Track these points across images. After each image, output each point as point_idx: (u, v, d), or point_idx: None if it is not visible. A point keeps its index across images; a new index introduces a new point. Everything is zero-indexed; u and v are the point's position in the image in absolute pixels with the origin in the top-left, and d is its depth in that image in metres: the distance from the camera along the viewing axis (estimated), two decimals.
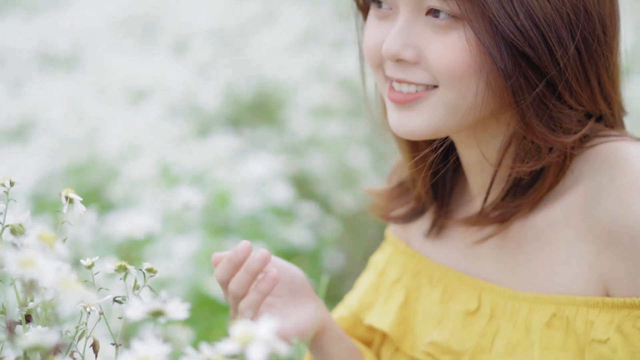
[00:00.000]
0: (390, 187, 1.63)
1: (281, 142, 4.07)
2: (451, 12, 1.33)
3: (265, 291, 1.43)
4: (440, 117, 1.37)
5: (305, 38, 4.86)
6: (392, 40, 1.36)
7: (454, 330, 1.48)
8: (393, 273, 1.62)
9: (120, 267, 1.19)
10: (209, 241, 3.06)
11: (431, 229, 1.58)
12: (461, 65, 1.33)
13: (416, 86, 1.37)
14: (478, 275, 1.49)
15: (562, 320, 1.37)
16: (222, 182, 3.29)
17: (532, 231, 1.43)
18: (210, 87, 4.17)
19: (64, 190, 1.19)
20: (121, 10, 5.42)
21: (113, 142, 3.46)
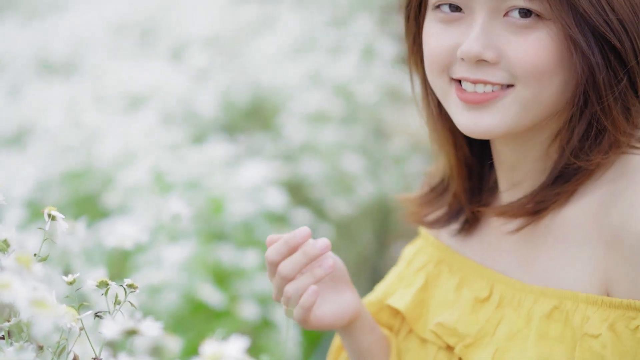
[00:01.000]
0: (423, 194, 1.70)
1: (276, 148, 4.10)
2: (540, 11, 1.39)
3: (320, 277, 1.50)
4: (514, 116, 1.43)
5: (301, 45, 4.89)
6: (472, 42, 1.41)
7: (462, 315, 1.55)
8: (419, 261, 1.70)
9: (102, 282, 1.23)
10: (202, 247, 3.09)
11: (462, 227, 1.65)
12: (544, 62, 1.39)
13: (492, 86, 1.43)
14: (494, 267, 1.56)
15: (562, 314, 1.43)
16: (216, 189, 3.32)
17: (549, 228, 1.49)
18: (206, 94, 4.20)
19: (47, 207, 1.22)
20: (119, 16, 5.45)
21: (109, 149, 3.49)
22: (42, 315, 0.88)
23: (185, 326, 2.89)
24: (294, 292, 1.50)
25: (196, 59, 4.60)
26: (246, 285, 3.11)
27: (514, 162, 1.54)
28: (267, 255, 1.52)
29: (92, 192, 3.48)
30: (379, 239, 4.79)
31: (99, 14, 5.58)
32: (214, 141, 3.62)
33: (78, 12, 5.81)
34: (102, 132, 3.67)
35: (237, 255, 3.13)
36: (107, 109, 4.00)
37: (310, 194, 4.05)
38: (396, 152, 4.47)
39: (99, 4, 5.97)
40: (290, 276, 1.49)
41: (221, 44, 4.94)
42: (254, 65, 4.60)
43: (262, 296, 3.11)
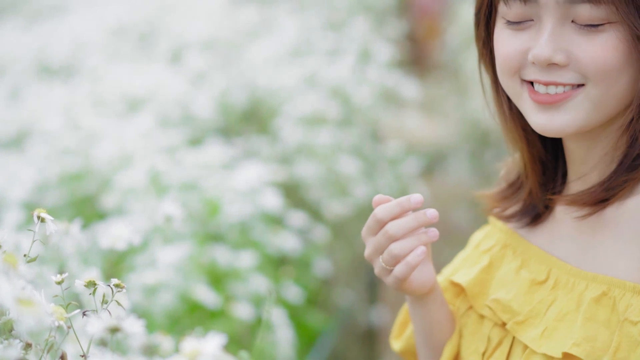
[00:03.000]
0: (501, 190, 1.78)
1: (272, 151, 4.13)
2: (605, 17, 1.48)
3: (424, 242, 1.58)
4: (586, 114, 1.52)
5: (298, 48, 4.92)
6: (543, 47, 1.51)
7: (518, 293, 1.64)
8: (485, 245, 1.78)
9: (90, 282, 1.27)
10: (199, 249, 3.13)
11: (532, 220, 1.73)
12: (613, 62, 1.49)
13: (564, 87, 1.52)
14: (554, 253, 1.65)
15: (609, 300, 1.52)
16: (213, 190, 3.35)
17: (611, 218, 1.57)
18: (203, 97, 4.23)
19: (37, 210, 1.26)
20: (118, 20, 5.48)
21: (107, 151, 3.52)
22: (27, 313, 0.92)
23: (180, 326, 2.92)
24: (400, 250, 1.57)
25: (194, 62, 4.63)
26: (241, 286, 3.14)
27: (583, 156, 1.62)
28: (377, 213, 1.58)
29: (90, 193, 3.51)
30: None
31: (98, 18, 5.62)
32: (211, 143, 3.66)
33: (77, 15, 5.85)
34: (100, 135, 3.70)
35: (232, 256, 3.17)
36: (105, 112, 4.04)
37: (306, 196, 4.08)
38: (391, 155, 4.50)
39: (98, 7, 6.01)
40: (398, 235, 1.56)
41: (219, 47, 4.97)
42: (251, 68, 4.64)
43: (257, 297, 3.15)
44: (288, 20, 5.31)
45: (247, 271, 3.17)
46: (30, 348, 1.08)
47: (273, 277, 3.39)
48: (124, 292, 1.32)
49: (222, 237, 3.34)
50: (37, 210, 1.25)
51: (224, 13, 5.50)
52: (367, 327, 4.67)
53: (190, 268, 3.02)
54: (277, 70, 4.59)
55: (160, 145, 3.63)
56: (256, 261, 3.21)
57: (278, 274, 3.52)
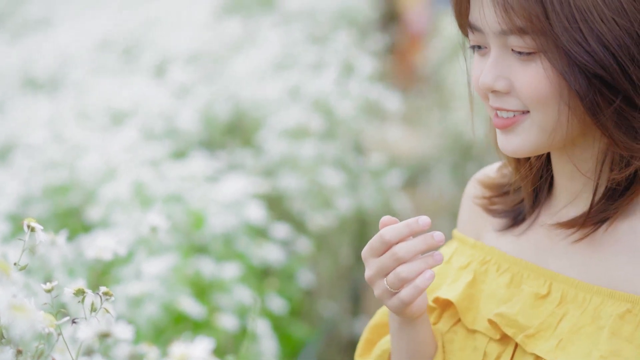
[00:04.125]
0: (501, 183, 1.79)
1: (256, 163, 4.16)
2: (528, 48, 1.50)
3: (431, 265, 1.56)
4: (535, 138, 1.55)
5: (281, 61, 4.95)
6: (485, 74, 1.55)
7: (523, 308, 1.63)
8: (460, 261, 1.77)
9: (79, 290, 1.29)
10: (183, 260, 3.15)
11: (514, 224, 1.74)
12: (543, 92, 1.51)
13: (512, 112, 1.55)
14: (549, 267, 1.65)
15: (635, 317, 1.53)
16: (197, 202, 3.38)
17: (614, 236, 1.59)
18: (187, 110, 4.26)
19: (26, 219, 1.28)
20: (102, 33, 5.51)
21: (92, 164, 3.54)
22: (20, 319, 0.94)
23: (165, 337, 2.94)
24: (408, 273, 1.55)
25: (178, 75, 4.66)
26: (226, 297, 3.17)
27: (570, 173, 1.63)
28: (384, 234, 1.55)
29: (75, 206, 3.53)
30: (358, 252, 4.84)
31: (83, 31, 5.64)
32: (195, 156, 3.68)
33: (62, 29, 5.87)
34: (85, 147, 3.73)
35: (217, 267, 3.19)
36: (90, 125, 4.06)
37: (290, 208, 4.11)
38: (374, 167, 4.54)
39: (83, 21, 6.03)
40: (407, 258, 1.54)
41: (203, 61, 5.01)
42: (234, 81, 4.67)
43: (241, 308, 3.17)
44: (271, 34, 5.34)
45: (231, 282, 3.20)
46: (21, 355, 1.10)
47: (257, 289, 3.41)
48: (111, 302, 1.35)
49: (206, 249, 3.37)
50: (27, 220, 1.28)
51: (208, 26, 5.53)
52: (350, 338, 4.69)
53: (174, 279, 3.04)
54: (260, 83, 4.62)
55: (144, 157, 3.65)
56: (240, 272, 3.23)
57: (262, 285, 3.54)
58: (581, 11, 1.47)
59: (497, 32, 1.53)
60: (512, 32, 1.50)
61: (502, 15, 1.50)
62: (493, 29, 1.53)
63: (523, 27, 1.49)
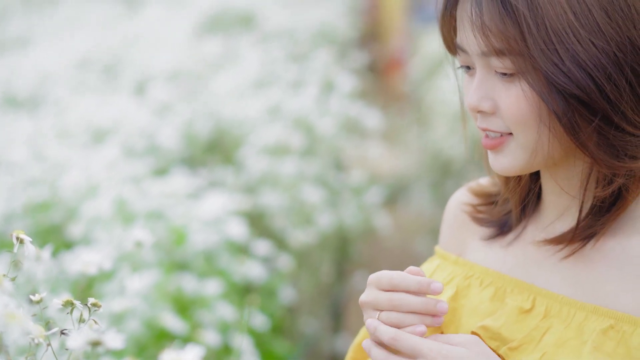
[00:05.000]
0: (491, 192, 1.80)
1: (237, 180, 4.17)
2: (508, 69, 1.52)
3: (427, 325, 1.56)
4: (522, 158, 1.57)
5: (262, 79, 4.97)
6: (471, 95, 1.57)
7: (507, 321, 1.64)
8: (442, 276, 1.77)
9: (67, 302, 1.30)
10: (165, 277, 3.15)
11: (498, 235, 1.75)
12: (523, 113, 1.53)
13: (499, 133, 1.57)
14: (533, 282, 1.66)
15: (618, 333, 1.54)
16: (178, 220, 3.38)
17: (600, 251, 1.60)
18: (168, 127, 4.27)
19: (15, 231, 1.29)
20: (83, 52, 5.52)
21: (73, 181, 3.55)
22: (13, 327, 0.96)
23: (148, 353, 2.94)
24: (398, 322, 1.55)
25: (158, 93, 4.67)
26: (208, 313, 3.17)
27: (558, 190, 1.64)
28: (395, 277, 1.56)
29: (56, 223, 3.53)
30: (339, 268, 4.87)
31: (63, 50, 5.65)
32: (176, 174, 3.69)
33: (42, 48, 5.87)
34: (66, 165, 3.73)
35: (199, 284, 3.20)
36: (71, 142, 4.06)
37: (271, 225, 4.12)
38: (355, 184, 4.56)
39: (63, 40, 6.04)
40: (401, 309, 1.55)
41: (183, 79, 5.02)
42: (215, 99, 4.69)
43: (223, 324, 3.18)
44: (251, 52, 5.36)
45: (213, 299, 3.20)
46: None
47: (239, 305, 3.42)
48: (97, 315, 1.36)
49: (188, 266, 3.37)
50: (16, 232, 1.29)
51: (188, 45, 5.55)
52: (332, 355, 4.70)
53: (157, 296, 3.05)
54: (241, 101, 4.64)
55: (125, 175, 3.66)
56: (222, 289, 3.24)
57: (244, 302, 3.55)
58: (557, 33, 1.49)
59: (479, 54, 1.55)
60: (492, 53, 1.53)
61: (481, 37, 1.53)
62: (474, 50, 1.56)
63: (501, 49, 1.51)
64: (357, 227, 4.47)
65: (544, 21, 1.49)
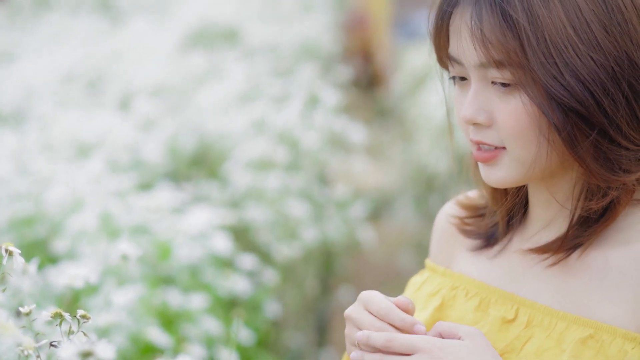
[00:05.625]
0: (478, 205, 1.81)
1: (222, 195, 4.17)
2: (507, 80, 1.53)
3: None
4: (517, 171, 1.58)
5: (246, 94, 4.99)
6: (467, 107, 1.57)
7: (490, 331, 1.66)
8: (430, 288, 1.79)
9: (56, 314, 1.31)
10: (150, 291, 3.16)
11: (486, 246, 1.77)
12: (521, 125, 1.54)
13: (492, 146, 1.58)
14: (518, 292, 1.68)
15: (597, 343, 1.55)
16: (163, 234, 3.38)
17: (585, 264, 1.61)
18: (153, 142, 4.27)
19: (4, 244, 1.30)
20: (67, 66, 5.52)
21: (58, 196, 3.54)
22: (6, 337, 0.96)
23: None
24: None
25: (143, 107, 4.67)
26: (193, 327, 3.18)
27: (545, 202, 1.66)
28: (382, 307, 1.57)
29: (41, 238, 3.53)
30: (323, 283, 4.87)
31: (47, 65, 5.65)
32: (160, 188, 3.69)
33: (26, 62, 5.87)
34: (51, 179, 3.73)
35: (184, 298, 3.20)
36: (56, 157, 4.06)
37: (256, 239, 4.12)
38: (339, 198, 4.57)
39: (47, 55, 6.04)
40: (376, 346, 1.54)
41: (168, 93, 5.03)
42: (200, 114, 4.69)
43: (209, 338, 3.18)
44: (236, 67, 5.37)
45: (198, 313, 3.20)
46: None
47: (224, 320, 3.42)
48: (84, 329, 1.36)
49: (173, 280, 3.37)
50: (5, 244, 1.29)
51: (173, 60, 5.56)
52: None
53: (142, 310, 3.05)
54: (225, 115, 4.64)
55: (110, 189, 3.66)
56: (207, 303, 3.24)
57: (229, 316, 3.55)
58: (557, 46, 1.50)
59: (477, 65, 1.56)
60: (491, 64, 1.54)
61: (481, 48, 1.54)
62: (472, 62, 1.56)
63: (501, 61, 1.52)
64: (342, 242, 4.48)
65: (544, 35, 1.51)
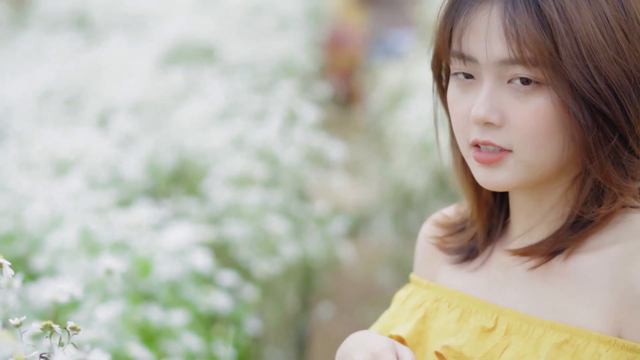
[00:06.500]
0: (455, 222, 1.83)
1: (201, 211, 4.18)
2: (535, 78, 1.54)
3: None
4: (521, 174, 1.60)
5: (225, 111, 5.00)
6: (480, 106, 1.57)
7: (469, 340, 1.68)
8: (414, 302, 1.82)
9: (46, 326, 1.31)
10: (131, 307, 3.15)
11: (466, 258, 1.79)
12: (543, 127, 1.55)
13: (498, 147, 1.59)
14: (498, 302, 1.70)
15: (572, 347, 1.57)
16: (143, 251, 3.39)
17: (563, 270, 1.63)
18: (132, 159, 4.27)
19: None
20: (44, 84, 5.52)
21: (37, 213, 3.54)
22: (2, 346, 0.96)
23: None
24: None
25: (122, 124, 4.67)
26: (174, 343, 3.18)
27: (530, 210, 1.68)
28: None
29: (21, 254, 3.52)
30: (303, 299, 4.88)
31: (25, 82, 5.64)
32: (140, 205, 3.69)
33: (4, 80, 5.86)
34: (30, 196, 3.72)
35: (164, 314, 3.20)
36: (34, 174, 4.06)
37: (236, 255, 4.12)
38: (318, 215, 4.58)
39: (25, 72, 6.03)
40: None
41: (146, 111, 5.03)
42: (178, 131, 4.70)
43: (189, 354, 3.18)
44: (214, 84, 5.38)
45: (179, 329, 3.21)
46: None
47: (204, 336, 3.42)
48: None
49: (153, 297, 3.37)
50: None
51: (150, 77, 5.56)
52: None
53: (123, 326, 3.04)
54: (204, 132, 4.65)
55: (90, 206, 3.66)
56: (188, 319, 3.24)
57: (209, 332, 3.55)
58: (588, 49, 1.53)
59: (499, 62, 1.57)
60: (520, 62, 1.55)
61: (513, 45, 1.54)
62: (496, 58, 1.57)
63: (532, 59, 1.54)
64: (322, 258, 4.48)
65: (576, 36, 1.53)
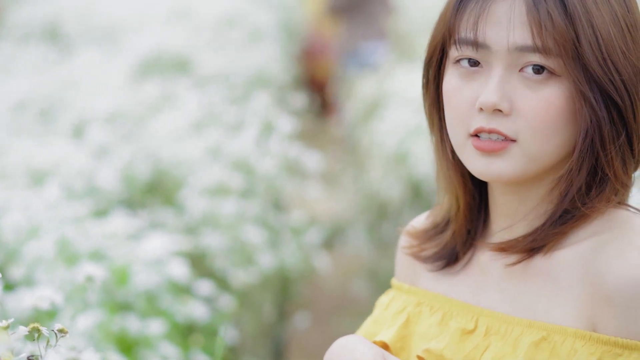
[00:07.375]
0: (426, 228, 1.83)
1: (178, 221, 4.18)
2: (551, 68, 1.57)
3: None
4: (522, 165, 1.61)
5: (201, 121, 5.00)
6: (490, 93, 1.58)
7: (450, 343, 1.69)
8: (396, 307, 1.83)
9: (34, 328, 1.31)
10: (108, 317, 3.15)
11: (448, 263, 1.80)
12: (553, 117, 1.58)
13: (502, 136, 1.60)
14: (479, 303, 1.71)
15: (549, 344, 1.59)
16: (120, 260, 3.38)
17: (540, 267, 1.65)
18: (107, 169, 4.27)
19: None
20: (18, 96, 5.51)
21: (14, 223, 3.53)
22: None
23: None
24: None
25: (97, 135, 4.67)
26: (151, 353, 3.18)
27: (512, 208, 1.69)
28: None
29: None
30: (280, 308, 4.88)
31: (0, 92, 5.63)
32: (116, 215, 3.69)
33: None
34: (6, 207, 3.71)
35: (142, 324, 3.20)
36: (10, 184, 4.05)
37: (212, 265, 4.12)
38: (294, 224, 4.58)
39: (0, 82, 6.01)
40: None
41: (122, 121, 5.03)
42: (154, 141, 4.70)
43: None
44: (189, 95, 5.39)
45: (156, 339, 3.20)
46: None
47: (182, 345, 3.42)
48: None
49: (130, 306, 3.37)
50: None
51: (125, 88, 5.57)
52: None
53: (101, 336, 3.04)
54: (180, 142, 4.65)
55: (66, 216, 3.65)
56: (165, 329, 3.24)
57: (187, 342, 3.55)
58: (606, 43, 1.57)
59: (518, 48, 1.58)
60: (539, 50, 1.57)
61: (535, 32, 1.56)
62: (518, 44, 1.58)
63: (553, 48, 1.56)
64: (298, 268, 4.49)
65: (595, 31, 1.56)
